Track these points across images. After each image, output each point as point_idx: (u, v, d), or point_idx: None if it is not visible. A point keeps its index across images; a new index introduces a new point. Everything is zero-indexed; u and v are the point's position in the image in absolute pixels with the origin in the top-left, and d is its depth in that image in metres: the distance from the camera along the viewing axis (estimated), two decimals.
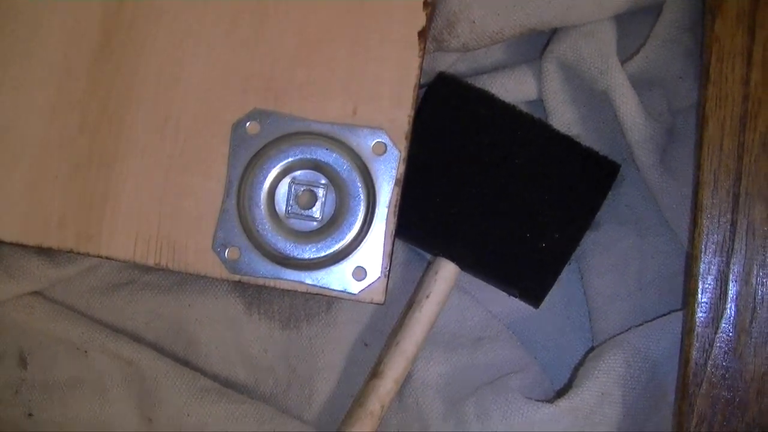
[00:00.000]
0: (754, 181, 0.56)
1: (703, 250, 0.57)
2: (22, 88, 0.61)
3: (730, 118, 0.57)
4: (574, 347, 0.67)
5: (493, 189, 0.63)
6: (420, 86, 0.64)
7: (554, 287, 0.65)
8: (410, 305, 0.62)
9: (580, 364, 0.64)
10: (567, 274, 0.67)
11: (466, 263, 0.63)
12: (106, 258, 0.60)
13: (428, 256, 0.66)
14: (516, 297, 0.64)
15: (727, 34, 0.57)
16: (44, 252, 0.63)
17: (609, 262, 0.66)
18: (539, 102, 0.67)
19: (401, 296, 0.65)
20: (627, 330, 0.63)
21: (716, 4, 0.58)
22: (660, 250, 0.65)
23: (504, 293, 0.65)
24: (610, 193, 0.65)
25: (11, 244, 0.61)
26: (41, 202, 0.60)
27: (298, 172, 0.60)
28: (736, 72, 0.57)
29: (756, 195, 0.56)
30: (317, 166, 0.60)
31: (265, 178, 0.59)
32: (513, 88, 0.66)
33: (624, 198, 0.66)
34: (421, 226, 0.63)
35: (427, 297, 0.62)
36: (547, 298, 0.65)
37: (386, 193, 0.60)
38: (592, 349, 0.65)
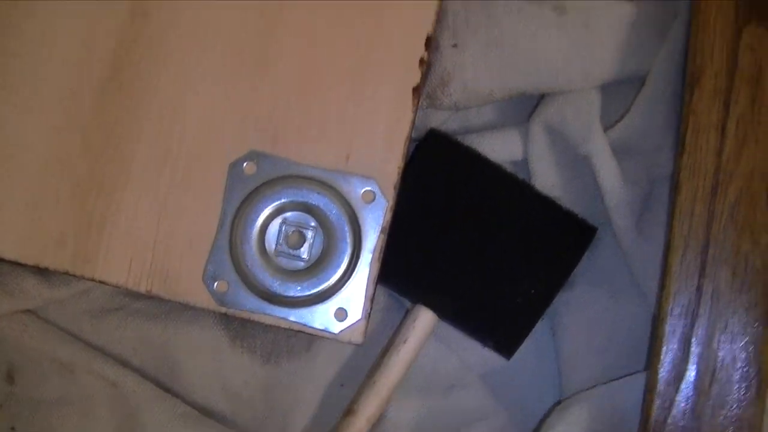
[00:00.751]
0: (722, 249, 0.59)
1: (670, 312, 0.59)
2: (29, 109, 0.64)
3: (702, 187, 0.60)
4: (543, 399, 0.69)
5: (474, 243, 0.66)
6: (412, 140, 0.67)
7: (528, 341, 0.67)
8: (388, 348, 0.65)
9: (547, 415, 0.66)
10: (540, 329, 0.69)
11: (443, 312, 0.65)
12: (100, 282, 0.63)
13: (408, 303, 0.68)
14: (490, 348, 0.66)
15: (704, 108, 0.60)
16: (40, 272, 0.66)
17: (581, 321, 0.68)
18: (524, 163, 0.69)
19: (379, 340, 0.67)
20: (594, 386, 0.65)
21: (695, 79, 0.61)
22: (631, 313, 0.67)
23: (479, 344, 0.67)
24: (586, 254, 0.67)
25: (9, 262, 0.63)
26: (41, 222, 0.63)
27: (289, 213, 0.63)
28: (710, 144, 0.60)
29: (722, 262, 0.59)
30: (308, 208, 0.62)
31: (257, 216, 0.62)
32: (500, 148, 0.68)
33: (599, 260, 0.69)
34: (403, 274, 0.66)
35: (405, 342, 0.64)
36: (520, 351, 0.67)
37: (372, 239, 0.63)
38: (559, 402, 0.67)
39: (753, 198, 0.59)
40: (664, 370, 0.59)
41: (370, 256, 0.63)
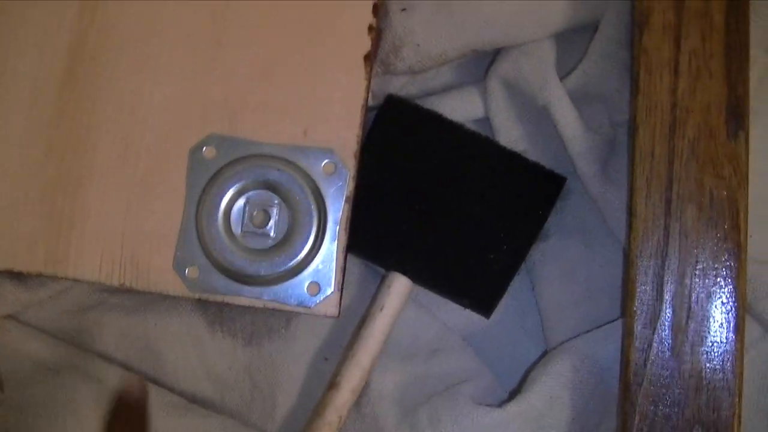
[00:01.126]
0: (685, 186, 0.58)
1: (639, 254, 0.59)
2: None
3: (659, 126, 0.59)
4: (529, 355, 0.69)
5: (442, 205, 0.65)
6: (371, 108, 0.67)
7: (508, 298, 0.67)
8: (364, 319, 0.65)
9: (531, 369, 0.66)
10: (520, 285, 0.69)
11: (417, 276, 0.65)
12: (74, 279, 0.63)
13: (383, 271, 0.68)
14: (467, 308, 0.66)
15: (654, 46, 0.60)
16: (16, 276, 0.66)
17: (558, 271, 0.68)
18: (487, 120, 0.69)
19: (358, 310, 0.67)
20: (576, 336, 0.65)
21: (643, 18, 0.60)
22: (607, 259, 0.67)
23: (459, 306, 0.67)
24: (557, 205, 0.67)
25: None
26: (10, 226, 0.63)
27: (252, 192, 0.63)
28: (663, 82, 0.59)
29: (687, 199, 0.58)
30: (270, 186, 0.62)
31: (221, 199, 0.62)
32: (460, 108, 0.68)
33: (571, 209, 0.68)
34: (373, 241, 0.66)
35: (381, 310, 0.64)
36: (502, 309, 0.67)
37: (337, 210, 0.63)
38: (545, 353, 0.67)
39: (712, 132, 0.59)
40: (639, 312, 0.58)
41: (337, 227, 0.63)
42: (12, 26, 0.65)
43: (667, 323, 0.58)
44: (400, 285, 0.65)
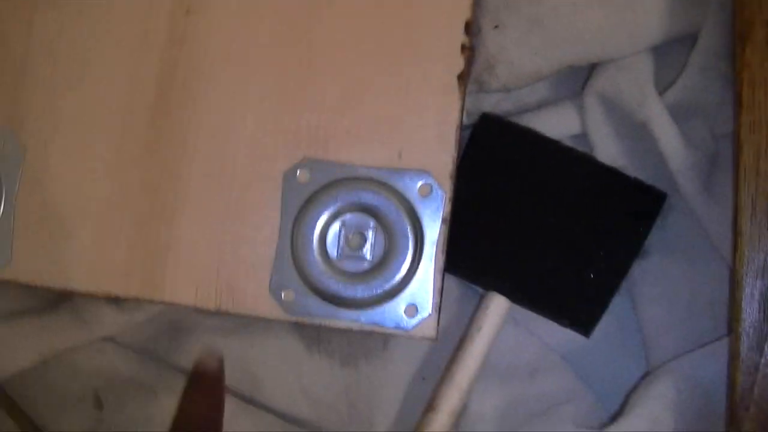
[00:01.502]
0: None
1: (745, 274, 0.57)
2: (86, 150, 0.64)
3: (765, 143, 0.57)
4: (630, 375, 0.67)
5: (540, 223, 0.64)
6: (466, 127, 0.66)
7: (609, 316, 0.66)
8: (463, 340, 0.64)
9: (633, 390, 0.65)
10: (621, 303, 0.68)
11: (516, 296, 0.64)
12: (169, 304, 0.63)
13: (481, 291, 0.67)
14: (566, 327, 0.65)
15: (757, 60, 0.58)
16: (114, 300, 0.67)
17: (660, 290, 0.66)
18: (584, 136, 0.68)
19: (457, 330, 0.66)
20: (678, 356, 0.64)
21: (745, 31, 0.58)
22: (710, 277, 0.65)
23: (557, 324, 0.67)
24: (658, 221, 0.65)
25: (83, 294, 0.64)
26: (108, 254, 0.64)
27: (347, 216, 0.62)
28: None
29: None
30: (365, 209, 0.62)
31: (315, 223, 0.62)
32: (557, 124, 0.67)
33: (672, 226, 0.67)
34: (471, 261, 0.65)
35: (479, 330, 0.63)
36: (602, 327, 0.66)
37: (434, 232, 0.62)
38: (647, 375, 0.66)
39: None
40: (745, 335, 0.57)
41: (434, 248, 0.62)
42: (102, 56, 0.65)
43: None
44: (498, 305, 0.64)
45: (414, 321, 0.62)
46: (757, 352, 0.57)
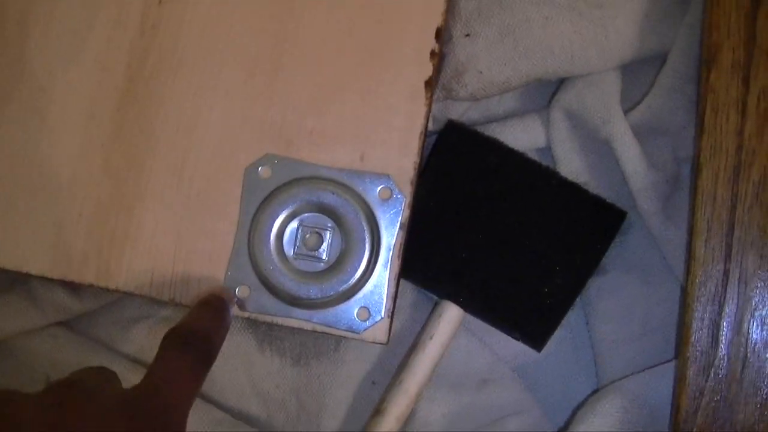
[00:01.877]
0: (747, 231, 0.57)
1: (696, 298, 0.57)
2: (54, 132, 0.64)
3: (724, 169, 0.57)
4: (580, 390, 0.68)
5: (499, 234, 0.64)
6: (431, 133, 0.66)
7: (562, 331, 0.66)
8: (414, 346, 0.64)
9: (580, 406, 0.65)
10: (575, 318, 0.68)
11: (469, 306, 0.64)
12: (124, 293, 0.63)
13: (436, 298, 0.67)
14: (518, 340, 0.65)
15: (722, 85, 0.58)
16: (69, 285, 0.66)
17: (614, 307, 0.66)
18: (549, 149, 0.68)
19: (409, 335, 0.67)
20: (628, 375, 0.64)
21: (711, 55, 0.58)
22: (665, 297, 0.66)
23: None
24: (617, 239, 0.65)
25: (39, 277, 0.64)
26: (66, 238, 0.63)
27: (306, 215, 0.62)
28: (730, 122, 0.58)
29: (749, 245, 0.57)
30: (325, 209, 0.62)
31: (274, 220, 0.62)
32: (522, 136, 0.67)
33: (631, 245, 0.67)
34: (427, 268, 0.65)
35: (431, 338, 0.63)
36: (555, 342, 0.66)
37: (391, 236, 0.62)
38: (596, 392, 0.66)
39: None
40: (693, 358, 0.57)
41: (390, 253, 0.62)
42: (74, 40, 0.65)
43: (721, 372, 0.57)
44: (451, 314, 0.64)
45: (366, 324, 0.62)
46: (704, 377, 0.57)
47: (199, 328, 0.53)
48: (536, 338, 0.65)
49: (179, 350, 0.51)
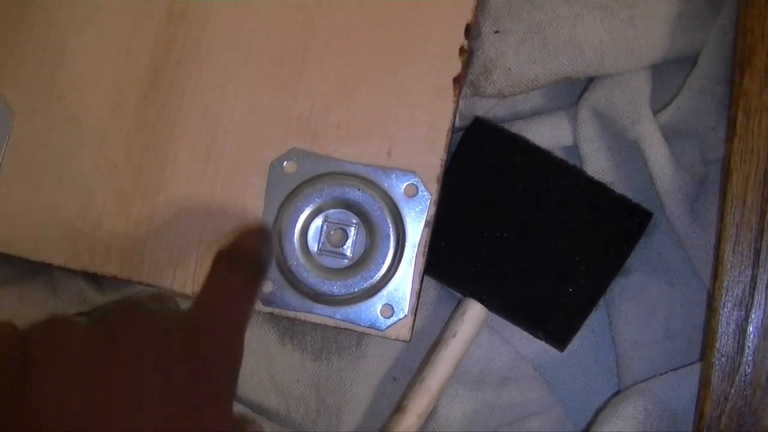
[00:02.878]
0: None
1: (723, 303, 0.57)
2: (77, 119, 0.64)
3: (754, 173, 0.57)
4: (601, 391, 0.67)
5: (524, 232, 0.64)
6: (458, 129, 0.66)
7: (584, 331, 0.66)
8: (437, 343, 0.64)
9: (602, 408, 0.65)
10: (598, 319, 0.68)
11: (493, 304, 0.64)
12: (147, 285, 0.63)
13: (459, 295, 0.67)
14: (541, 339, 0.65)
15: (755, 89, 0.57)
16: (91, 277, 0.66)
17: (638, 309, 0.66)
18: (575, 148, 0.67)
19: (431, 333, 0.66)
20: (650, 377, 0.64)
21: (745, 58, 0.58)
22: (689, 300, 0.65)
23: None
24: (642, 240, 0.65)
25: (60, 267, 0.64)
26: (88, 229, 0.63)
27: (331, 211, 0.62)
28: (762, 127, 0.57)
29: None
30: (349, 205, 0.61)
31: (299, 215, 0.61)
32: (549, 134, 0.66)
33: (656, 246, 0.66)
34: (451, 266, 0.64)
35: (454, 336, 0.63)
36: (577, 342, 0.66)
37: (416, 233, 0.61)
38: (617, 393, 0.66)
39: None
40: (717, 364, 0.57)
41: (415, 251, 0.61)
42: (100, 28, 0.64)
43: (746, 378, 0.56)
44: (474, 312, 0.64)
45: (389, 322, 0.61)
46: (728, 383, 0.57)
47: (247, 247, 0.53)
48: (559, 338, 0.64)
49: (230, 268, 0.51)
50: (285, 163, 0.62)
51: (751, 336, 0.57)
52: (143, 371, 0.42)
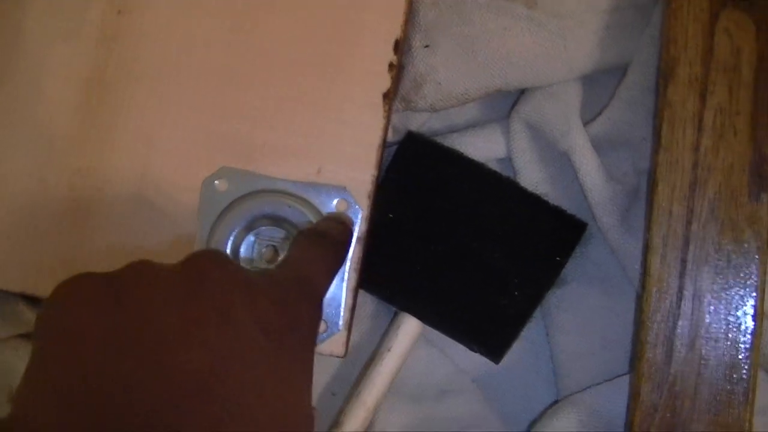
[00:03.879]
0: (702, 248, 0.57)
1: (651, 315, 0.57)
2: (12, 145, 0.64)
3: (679, 184, 0.57)
4: (541, 402, 0.67)
5: (458, 246, 0.64)
6: (391, 144, 0.66)
7: (523, 342, 0.66)
8: (372, 358, 0.64)
9: (537, 419, 0.65)
10: (537, 330, 0.68)
11: (428, 318, 0.64)
12: None
13: (395, 309, 0.67)
14: (476, 352, 0.65)
15: (679, 100, 0.57)
16: (29, 298, 0.66)
17: (575, 320, 0.66)
18: (509, 160, 0.67)
19: (369, 346, 0.66)
20: (585, 388, 0.64)
21: (669, 69, 0.58)
22: (626, 309, 0.65)
23: None
24: (578, 250, 0.65)
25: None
26: (24, 253, 0.63)
27: (262, 228, 0.62)
28: (686, 138, 0.57)
29: (703, 261, 0.57)
30: (281, 222, 0.61)
31: (231, 232, 0.61)
32: (483, 146, 0.66)
33: (592, 256, 0.66)
34: (385, 280, 0.64)
35: (389, 350, 0.63)
36: (516, 353, 0.66)
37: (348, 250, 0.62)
38: (555, 403, 0.66)
39: (733, 193, 0.57)
40: (647, 375, 0.57)
41: (347, 266, 0.62)
42: (36, 46, 0.64)
43: (675, 389, 0.57)
44: (409, 326, 0.64)
45: (323, 336, 0.61)
46: (658, 394, 0.57)
47: (328, 232, 0.57)
48: (494, 350, 0.64)
49: (313, 243, 0.55)
50: (216, 182, 0.62)
51: (679, 346, 0.57)
52: (233, 312, 0.43)
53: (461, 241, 0.64)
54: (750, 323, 0.56)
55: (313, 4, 0.63)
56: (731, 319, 0.56)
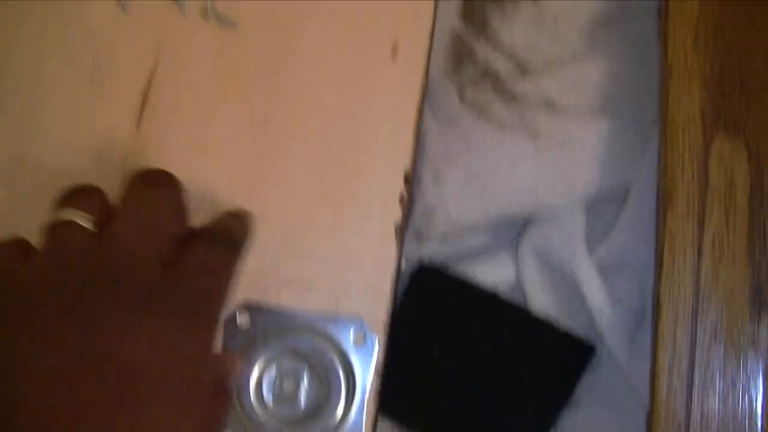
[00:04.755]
0: (707, 373, 0.58)
1: None
2: None
3: (683, 310, 0.58)
4: None
5: (473, 372, 0.66)
6: (405, 272, 0.68)
7: None
8: None
9: None
10: None
11: None
12: None
13: None
14: None
15: (678, 226, 0.59)
16: None
17: None
18: (520, 285, 0.69)
19: None
20: None
21: (667, 196, 0.60)
22: (636, 431, 0.66)
23: None
24: (589, 372, 0.66)
25: None
26: None
27: (283, 360, 0.64)
28: (687, 263, 0.59)
29: (709, 386, 0.58)
30: (301, 355, 0.63)
31: (253, 367, 0.63)
32: (493, 273, 0.68)
33: (602, 377, 0.67)
34: (404, 407, 0.66)
35: None
36: None
37: (365, 380, 0.63)
38: None
39: (734, 317, 0.58)
40: None
41: (366, 397, 0.63)
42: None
43: None
44: None
45: None
46: None
47: (221, 226, 0.60)
48: None
49: (206, 244, 0.57)
50: (238, 318, 0.64)
51: None
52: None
53: (476, 367, 0.66)
54: None
55: (328, 140, 0.66)
56: None
